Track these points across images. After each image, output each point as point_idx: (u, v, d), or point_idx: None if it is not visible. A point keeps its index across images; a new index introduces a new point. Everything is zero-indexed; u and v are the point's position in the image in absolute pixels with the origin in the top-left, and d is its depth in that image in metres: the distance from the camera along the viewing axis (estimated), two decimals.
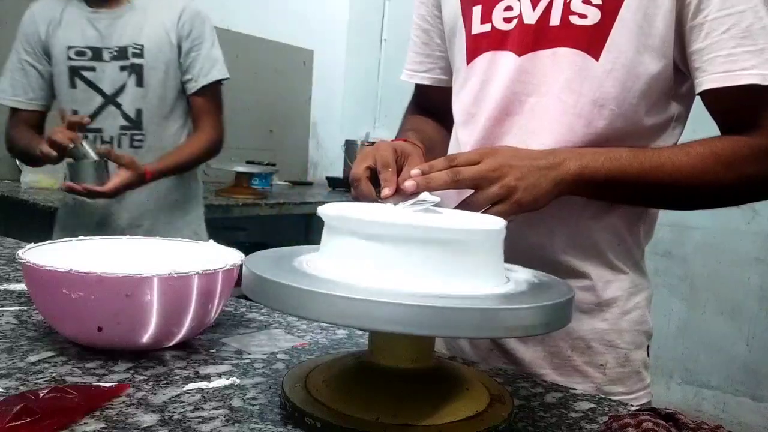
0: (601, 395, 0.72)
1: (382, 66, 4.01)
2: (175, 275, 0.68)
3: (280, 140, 3.77)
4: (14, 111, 1.71)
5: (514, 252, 0.68)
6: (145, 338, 0.69)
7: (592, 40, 0.77)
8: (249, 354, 0.74)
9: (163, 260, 0.81)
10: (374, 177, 0.74)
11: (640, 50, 0.76)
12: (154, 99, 1.65)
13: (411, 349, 0.60)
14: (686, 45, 0.75)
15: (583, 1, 0.77)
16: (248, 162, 3.09)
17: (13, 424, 0.50)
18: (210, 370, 0.69)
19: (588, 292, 0.83)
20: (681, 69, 0.78)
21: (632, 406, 0.69)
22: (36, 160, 1.59)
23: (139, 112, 1.63)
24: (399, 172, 0.73)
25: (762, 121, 0.74)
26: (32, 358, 0.68)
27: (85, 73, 1.62)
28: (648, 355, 0.88)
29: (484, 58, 0.85)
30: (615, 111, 0.78)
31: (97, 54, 1.62)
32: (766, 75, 0.71)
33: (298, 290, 0.51)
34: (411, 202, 0.64)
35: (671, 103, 0.81)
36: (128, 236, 0.86)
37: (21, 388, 0.60)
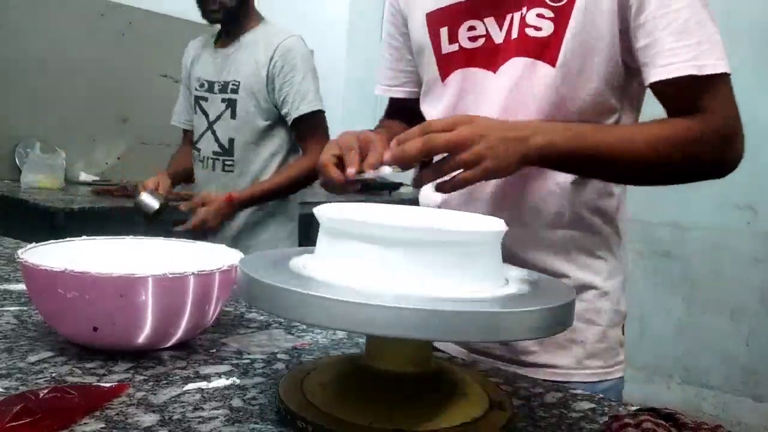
0: (601, 395, 0.72)
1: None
2: (170, 276, 0.67)
3: None
4: (184, 131, 2.07)
5: None
6: (141, 339, 0.69)
7: (547, 49, 0.83)
8: (249, 354, 0.74)
9: (164, 261, 0.81)
10: (341, 164, 0.79)
11: (590, 53, 0.82)
12: (245, 129, 1.83)
13: (407, 352, 0.58)
14: (632, 43, 0.81)
15: (537, 15, 0.83)
16: None
17: (13, 424, 0.50)
18: (210, 370, 0.69)
19: (567, 279, 0.89)
20: (630, 65, 0.84)
21: (632, 406, 0.69)
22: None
23: (231, 141, 1.84)
24: (363, 157, 0.78)
25: (702, 105, 0.79)
26: (32, 358, 0.68)
27: (201, 102, 1.89)
28: (623, 334, 0.95)
29: (457, 75, 0.93)
30: (571, 110, 0.84)
31: (210, 86, 1.87)
32: (702, 66, 0.77)
33: (293, 293, 0.49)
34: (372, 174, 0.74)
35: (625, 97, 0.87)
36: (132, 237, 0.86)
37: (21, 388, 0.60)
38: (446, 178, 0.73)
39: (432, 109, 0.97)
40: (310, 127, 1.84)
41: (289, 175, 1.84)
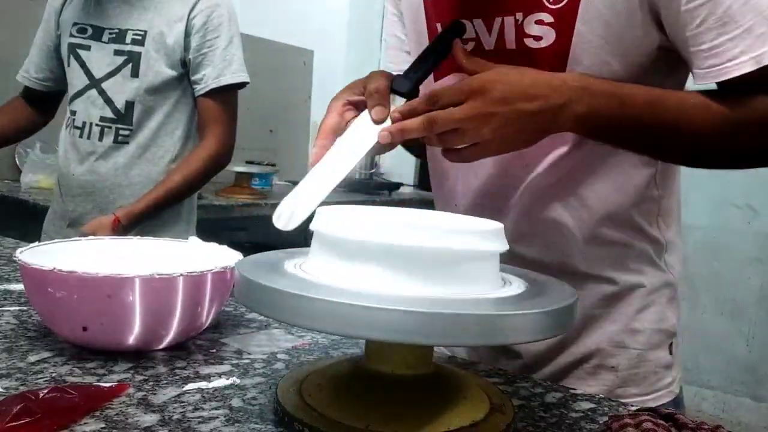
0: (601, 395, 0.72)
1: (382, 66, 3.99)
2: (158, 276, 0.66)
3: (280, 140, 3.77)
4: (26, 88, 1.70)
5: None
6: (131, 339, 0.68)
7: (552, 62, 0.71)
8: (249, 354, 0.74)
9: (165, 261, 0.80)
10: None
11: (607, 60, 0.70)
12: (150, 93, 1.49)
13: (407, 355, 0.58)
14: (670, 38, 0.69)
15: (535, 22, 0.71)
16: (248, 162, 3.08)
17: (13, 424, 0.50)
18: (210, 370, 0.69)
19: (594, 299, 0.80)
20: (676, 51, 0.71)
21: (633, 406, 0.69)
22: None
23: (129, 104, 1.49)
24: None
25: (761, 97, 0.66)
26: (32, 358, 0.68)
27: (80, 51, 1.51)
28: (671, 353, 0.83)
29: (451, 80, 0.79)
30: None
31: (97, 33, 1.50)
32: (760, 56, 0.63)
33: (287, 295, 0.49)
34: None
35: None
36: (138, 237, 0.86)
37: (21, 388, 0.60)
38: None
39: None
40: (221, 104, 1.54)
41: (183, 177, 1.49)
